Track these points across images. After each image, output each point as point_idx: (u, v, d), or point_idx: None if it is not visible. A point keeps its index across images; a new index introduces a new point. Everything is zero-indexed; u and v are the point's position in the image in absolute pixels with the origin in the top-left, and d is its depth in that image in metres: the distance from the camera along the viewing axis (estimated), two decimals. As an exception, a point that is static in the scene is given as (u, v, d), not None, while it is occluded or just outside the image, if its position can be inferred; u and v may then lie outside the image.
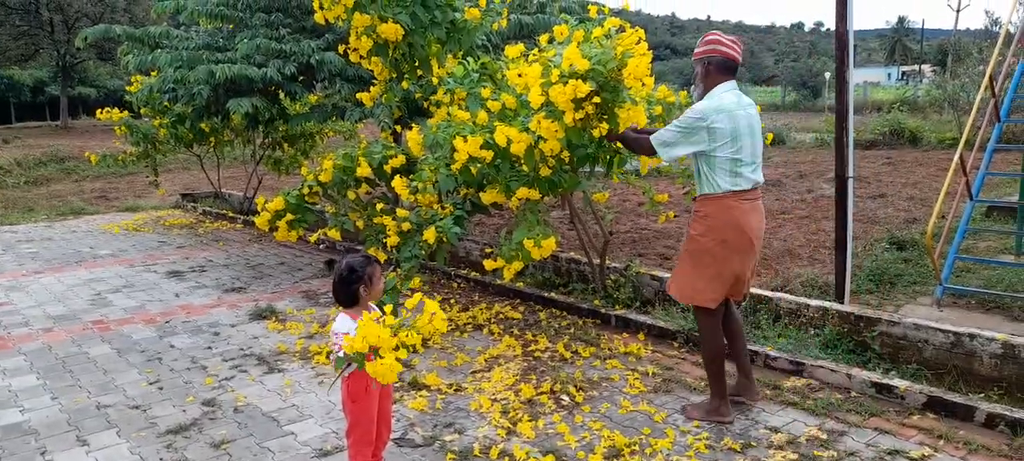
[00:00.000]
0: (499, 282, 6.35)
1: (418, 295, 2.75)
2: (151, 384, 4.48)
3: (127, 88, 9.73)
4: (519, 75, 4.17)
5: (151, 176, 11.32)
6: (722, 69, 3.64)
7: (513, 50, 5.46)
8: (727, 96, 3.60)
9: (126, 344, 5.23)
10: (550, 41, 4.77)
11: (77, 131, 30.39)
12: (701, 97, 3.70)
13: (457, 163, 4.64)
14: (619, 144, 4.29)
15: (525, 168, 4.42)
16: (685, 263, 3.81)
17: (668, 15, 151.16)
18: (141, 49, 9.18)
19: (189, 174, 16.83)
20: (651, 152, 3.84)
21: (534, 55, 4.44)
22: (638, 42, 3.93)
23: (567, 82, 3.80)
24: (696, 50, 3.75)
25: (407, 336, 2.50)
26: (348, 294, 2.94)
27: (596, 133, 4.02)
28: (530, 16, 8.41)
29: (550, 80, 3.85)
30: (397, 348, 2.46)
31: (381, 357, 2.45)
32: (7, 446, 3.69)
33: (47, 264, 7.88)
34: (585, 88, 3.74)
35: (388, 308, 2.61)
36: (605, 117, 4.02)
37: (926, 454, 3.41)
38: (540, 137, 4.19)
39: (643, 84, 4.15)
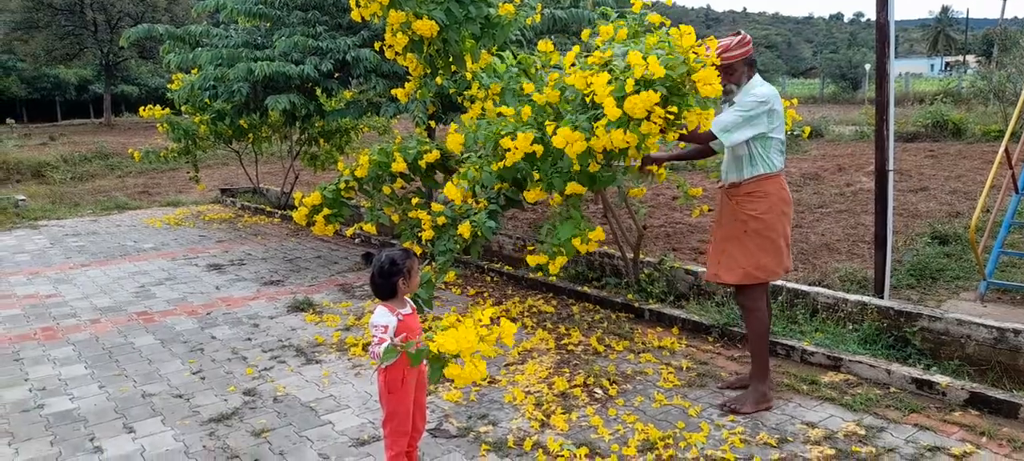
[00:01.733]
0: (532, 276, 6.38)
1: (491, 310, 2.83)
2: (194, 374, 4.60)
3: (168, 86, 9.94)
4: (587, 84, 4.07)
5: (191, 172, 11.58)
6: (751, 65, 3.90)
7: (544, 46, 5.44)
8: (768, 85, 3.86)
9: (169, 335, 5.37)
10: (592, 38, 4.71)
11: (120, 128, 31.15)
12: (736, 93, 3.87)
13: (507, 161, 4.58)
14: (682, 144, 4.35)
15: (576, 167, 4.33)
16: (743, 245, 3.85)
17: (703, 7, 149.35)
18: (182, 47, 9.39)
19: (228, 169, 17.14)
20: (710, 139, 3.94)
21: (595, 57, 4.30)
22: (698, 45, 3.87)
23: (640, 92, 3.74)
24: (730, 54, 3.80)
25: (485, 347, 2.60)
26: (387, 287, 2.98)
27: (658, 137, 4.01)
28: (564, 10, 8.40)
29: (624, 91, 3.77)
30: (475, 353, 2.58)
31: (447, 360, 2.56)
32: (59, 432, 3.83)
33: (93, 257, 8.12)
34: (655, 96, 3.70)
35: (453, 317, 2.67)
36: (675, 122, 3.96)
37: (968, 451, 3.36)
38: (593, 135, 4.09)
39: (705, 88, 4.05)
